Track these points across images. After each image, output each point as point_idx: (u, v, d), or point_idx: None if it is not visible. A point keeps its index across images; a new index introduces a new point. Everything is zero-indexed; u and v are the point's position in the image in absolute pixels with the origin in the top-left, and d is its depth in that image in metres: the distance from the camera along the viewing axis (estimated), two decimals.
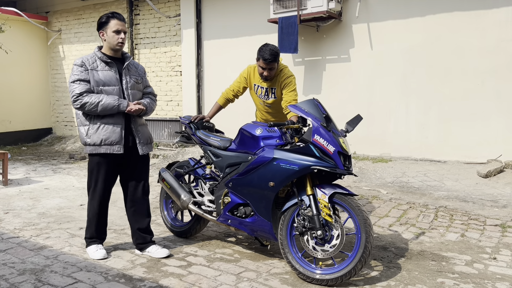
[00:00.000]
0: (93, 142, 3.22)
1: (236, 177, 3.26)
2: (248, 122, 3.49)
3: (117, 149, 3.23)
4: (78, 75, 3.18)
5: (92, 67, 3.21)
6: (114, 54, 3.31)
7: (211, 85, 8.32)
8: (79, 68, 3.19)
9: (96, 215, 3.39)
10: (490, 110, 5.89)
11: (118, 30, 3.21)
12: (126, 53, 3.42)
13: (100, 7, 9.84)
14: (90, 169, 3.36)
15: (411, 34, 6.36)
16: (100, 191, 3.34)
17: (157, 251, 3.40)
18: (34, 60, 10.60)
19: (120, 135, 3.24)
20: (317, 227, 2.88)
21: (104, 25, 3.24)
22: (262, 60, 3.69)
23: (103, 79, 3.21)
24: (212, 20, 8.22)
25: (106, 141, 3.21)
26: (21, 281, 2.95)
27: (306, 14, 6.48)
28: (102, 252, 3.36)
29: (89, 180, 3.38)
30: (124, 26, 3.26)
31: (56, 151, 9.65)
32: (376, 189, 5.46)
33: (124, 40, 3.26)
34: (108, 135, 3.21)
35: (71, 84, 3.18)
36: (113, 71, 3.26)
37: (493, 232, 3.96)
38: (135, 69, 3.43)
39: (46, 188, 5.90)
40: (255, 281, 2.98)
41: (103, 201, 3.39)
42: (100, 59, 3.25)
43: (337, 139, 2.91)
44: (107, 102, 3.15)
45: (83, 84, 3.17)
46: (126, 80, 3.32)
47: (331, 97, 6.89)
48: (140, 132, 3.37)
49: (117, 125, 3.24)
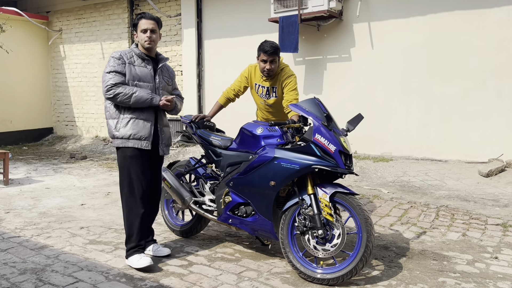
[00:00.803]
0: (121, 136, 3.15)
1: (237, 177, 3.25)
2: (249, 122, 3.48)
3: (145, 145, 3.17)
4: (115, 66, 3.16)
5: (130, 61, 3.21)
6: (148, 53, 3.30)
7: (212, 85, 8.32)
8: (116, 60, 3.18)
9: (136, 216, 3.18)
10: (491, 109, 5.88)
11: (145, 29, 3.21)
12: (161, 55, 3.43)
13: (101, 6, 9.84)
14: (121, 164, 3.23)
15: (412, 33, 6.35)
16: (137, 186, 3.18)
17: (158, 250, 3.40)
18: (35, 60, 10.61)
19: (150, 131, 3.19)
20: (318, 226, 2.88)
21: (136, 26, 3.28)
22: (263, 53, 3.69)
23: (139, 74, 3.21)
24: (212, 20, 8.22)
25: (135, 136, 3.15)
26: (22, 281, 2.95)
27: (307, 13, 6.48)
28: (146, 260, 3.11)
29: (122, 177, 3.23)
30: (152, 24, 3.23)
31: (57, 150, 9.66)
32: (377, 188, 5.45)
33: (153, 39, 3.23)
34: (138, 129, 3.16)
35: (106, 75, 3.15)
36: (149, 68, 3.26)
37: (495, 231, 3.95)
38: (166, 70, 3.45)
39: (47, 187, 5.91)
40: (256, 281, 2.98)
41: (142, 198, 3.21)
42: (137, 55, 3.25)
43: (338, 138, 2.91)
44: (140, 94, 3.12)
45: (118, 76, 3.14)
46: (159, 79, 3.31)
47: (332, 97, 6.88)
48: (164, 133, 3.34)
49: (148, 121, 3.20)
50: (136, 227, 3.19)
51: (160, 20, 3.36)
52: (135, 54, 3.26)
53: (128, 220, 3.22)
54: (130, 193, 3.20)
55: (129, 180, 3.20)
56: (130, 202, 3.21)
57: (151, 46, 3.25)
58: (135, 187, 3.19)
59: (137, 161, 3.19)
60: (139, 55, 3.25)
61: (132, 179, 3.19)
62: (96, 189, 5.82)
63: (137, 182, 3.19)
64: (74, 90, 10.54)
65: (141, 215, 3.20)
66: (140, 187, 3.19)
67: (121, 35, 9.57)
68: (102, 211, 4.74)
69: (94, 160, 8.22)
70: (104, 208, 4.86)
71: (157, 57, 3.40)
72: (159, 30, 3.33)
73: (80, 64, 10.32)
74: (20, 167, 7.43)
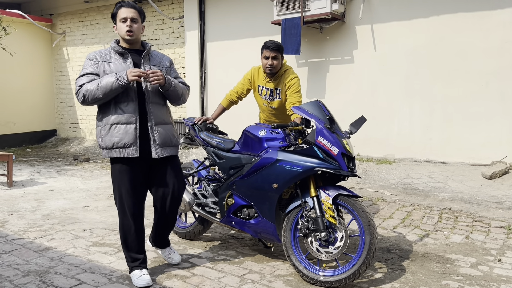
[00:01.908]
0: (105, 145, 2.88)
1: (239, 179, 3.26)
2: (252, 124, 3.49)
3: (131, 152, 2.85)
4: (86, 69, 2.89)
5: (104, 59, 2.90)
6: (130, 46, 2.96)
7: (215, 87, 8.33)
8: (89, 61, 2.91)
9: (128, 233, 2.98)
10: (494, 111, 5.86)
11: (125, 17, 2.87)
12: (147, 43, 3.06)
13: (104, 9, 9.88)
14: (112, 177, 2.97)
15: (414, 35, 6.34)
16: (128, 204, 2.92)
17: (168, 256, 3.28)
18: (38, 62, 10.65)
19: (134, 136, 2.85)
20: (321, 229, 2.87)
21: (114, 16, 2.95)
22: (265, 49, 3.72)
23: (114, 70, 2.86)
24: (215, 22, 8.23)
25: (118, 144, 2.84)
26: (26, 283, 2.96)
27: (310, 15, 6.48)
28: (145, 279, 2.90)
29: (114, 193, 2.99)
30: (132, 12, 2.89)
31: (60, 152, 9.69)
32: (380, 190, 5.44)
33: (134, 29, 2.88)
34: (120, 136, 2.84)
35: (77, 80, 2.90)
36: (127, 62, 2.91)
37: (498, 234, 3.94)
38: (158, 60, 3.07)
39: (51, 189, 5.92)
40: (259, 283, 2.98)
41: (134, 214, 2.94)
42: (114, 49, 2.94)
43: (341, 141, 2.91)
44: (105, 80, 2.77)
45: (90, 77, 2.85)
46: (144, 69, 2.92)
47: (335, 99, 6.88)
48: (157, 132, 2.94)
49: (130, 124, 2.85)
50: (128, 243, 3.00)
51: (143, 11, 3.02)
52: (112, 50, 2.95)
53: (121, 235, 3.04)
54: (121, 208, 2.97)
55: (119, 196, 2.95)
56: (122, 217, 2.99)
57: (132, 38, 2.90)
58: (125, 203, 2.93)
59: (127, 174, 2.91)
60: (115, 49, 2.92)
61: (122, 195, 2.93)
62: (99, 191, 5.83)
63: (127, 197, 2.92)
64: None
65: (133, 231, 2.98)
66: (131, 203, 2.93)
67: None
68: (105, 213, 4.75)
69: (97, 162, 8.24)
70: (107, 210, 4.87)
71: (143, 47, 3.03)
72: (142, 22, 2.98)
73: None
74: (24, 169, 7.45)
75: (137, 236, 3.01)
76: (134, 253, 3.01)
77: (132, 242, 3.00)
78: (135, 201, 2.95)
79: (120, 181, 2.93)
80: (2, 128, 9.96)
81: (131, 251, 3.01)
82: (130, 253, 3.02)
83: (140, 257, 3.02)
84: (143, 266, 3.02)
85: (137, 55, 2.98)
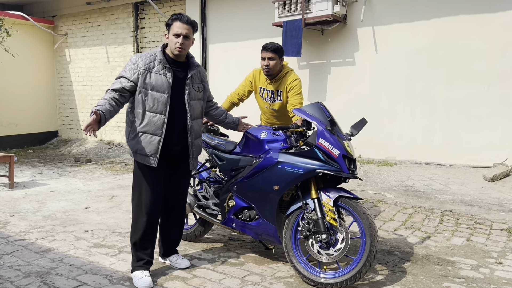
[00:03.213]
0: (130, 147, 3.01)
1: (240, 181, 3.26)
2: (253, 126, 3.49)
3: (151, 161, 2.94)
4: (126, 72, 2.92)
5: (148, 67, 2.93)
6: (177, 58, 3.02)
7: (216, 89, 8.29)
8: (131, 65, 2.93)
9: (139, 231, 3.02)
10: (496, 114, 5.86)
11: (178, 33, 2.92)
12: (192, 57, 3.12)
13: (106, 11, 9.90)
14: (134, 174, 3.07)
15: (416, 37, 6.35)
16: (145, 203, 3.00)
17: (177, 262, 3.29)
18: (40, 64, 10.68)
19: (157, 147, 2.93)
20: (321, 230, 2.87)
21: (168, 26, 2.99)
22: (262, 50, 3.77)
23: (153, 83, 2.91)
24: (217, 24, 8.25)
25: (141, 151, 2.95)
26: (27, 284, 2.97)
27: (311, 17, 6.49)
28: (147, 281, 2.93)
29: (133, 190, 3.08)
30: (186, 29, 2.92)
31: (62, 154, 9.70)
32: (381, 192, 5.44)
33: (185, 45, 2.94)
34: (144, 145, 2.94)
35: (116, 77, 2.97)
36: (167, 77, 2.94)
37: (499, 236, 3.93)
38: (199, 75, 3.13)
39: (52, 191, 5.93)
40: (260, 285, 2.98)
41: (149, 215, 3.02)
42: (159, 61, 2.96)
43: (342, 143, 2.91)
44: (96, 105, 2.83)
45: (122, 82, 2.90)
46: (189, 90, 3.03)
47: (336, 101, 6.88)
48: (195, 146, 3.13)
49: (156, 135, 2.94)
50: (138, 243, 3.04)
51: (196, 24, 3.05)
52: (157, 59, 2.96)
53: (132, 232, 3.08)
54: (138, 206, 3.05)
55: (138, 196, 3.04)
56: (136, 216, 3.07)
57: (182, 53, 2.98)
58: (143, 202, 3.02)
59: (147, 176, 3.01)
60: (161, 61, 2.96)
61: (142, 195, 3.02)
62: (100, 192, 5.84)
63: (145, 197, 3.01)
64: (79, 94, 10.59)
65: (147, 231, 3.04)
66: (149, 203, 3.01)
67: (126, 39, 9.62)
68: (107, 214, 4.76)
69: (98, 163, 8.25)
70: (109, 211, 4.88)
71: (188, 60, 3.09)
72: (193, 34, 3.03)
73: (85, 68, 10.38)
74: (25, 170, 7.47)
75: (149, 236, 3.07)
76: (141, 252, 3.05)
77: (142, 242, 3.04)
78: (153, 201, 3.03)
79: (142, 180, 3.02)
80: (4, 129, 9.99)
81: (139, 250, 3.05)
82: (138, 252, 3.05)
83: (146, 257, 3.06)
84: (146, 267, 3.05)
85: (181, 71, 3.04)
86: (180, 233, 3.37)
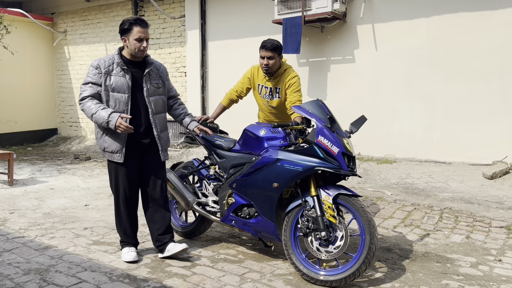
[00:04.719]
0: (99, 146, 3.29)
1: (240, 178, 3.26)
2: (252, 123, 3.49)
3: (117, 158, 3.21)
4: (91, 77, 3.14)
5: (107, 70, 3.14)
6: (134, 59, 3.23)
7: (216, 86, 8.33)
8: (93, 70, 3.15)
9: (124, 219, 3.36)
10: (495, 111, 5.86)
11: (141, 38, 3.13)
12: (148, 56, 3.32)
13: (105, 8, 9.88)
14: (108, 172, 3.38)
15: (416, 35, 6.34)
16: (124, 194, 3.31)
17: (174, 247, 3.34)
18: (39, 61, 10.66)
19: (122, 144, 3.19)
20: (321, 228, 2.88)
21: (127, 32, 3.15)
22: (261, 49, 3.75)
23: (113, 85, 3.14)
24: (216, 21, 8.23)
25: (107, 149, 3.22)
26: (26, 281, 2.97)
27: (311, 15, 6.48)
28: (131, 255, 3.30)
29: (110, 185, 3.41)
30: (146, 33, 3.17)
31: (61, 151, 9.70)
32: (381, 190, 5.44)
33: (147, 48, 3.19)
34: (110, 142, 3.20)
35: (82, 86, 3.17)
36: (126, 78, 3.17)
37: (499, 234, 3.93)
38: (156, 71, 3.34)
39: (51, 188, 5.93)
40: (259, 282, 2.98)
41: (129, 205, 3.35)
42: (117, 63, 3.17)
43: (341, 140, 2.91)
44: (99, 116, 3.06)
45: (93, 87, 3.13)
46: (146, 87, 3.24)
47: (336, 98, 6.88)
48: (163, 139, 3.34)
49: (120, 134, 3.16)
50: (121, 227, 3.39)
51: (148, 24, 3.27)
52: (115, 62, 3.17)
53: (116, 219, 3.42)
54: (116, 199, 3.36)
55: (115, 187, 3.33)
56: (116, 205, 3.38)
57: (143, 55, 3.22)
58: (121, 194, 3.31)
59: (119, 170, 3.27)
60: (119, 64, 3.16)
61: (119, 187, 3.31)
62: (100, 190, 5.84)
63: (122, 189, 3.30)
64: (79, 91, 10.53)
65: (125, 218, 3.36)
66: (125, 194, 3.30)
67: None
68: (106, 211, 4.76)
69: (98, 161, 8.25)
70: (108, 209, 4.88)
71: (144, 59, 3.28)
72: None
73: (85, 65, 10.36)
74: (25, 168, 7.46)
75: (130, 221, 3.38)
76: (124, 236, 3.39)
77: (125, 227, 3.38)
78: (128, 192, 3.32)
79: (115, 174, 3.30)
80: (3, 127, 9.98)
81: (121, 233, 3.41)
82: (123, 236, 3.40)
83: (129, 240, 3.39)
84: (132, 244, 3.39)
85: (138, 70, 3.24)
86: (166, 220, 3.43)
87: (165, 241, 3.38)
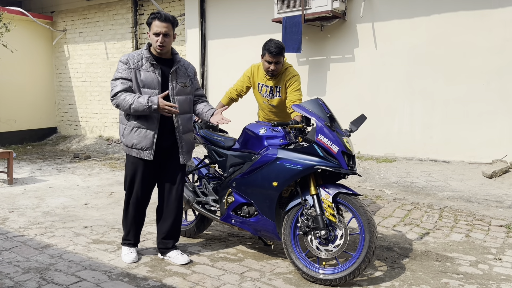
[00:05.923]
0: (126, 143, 3.18)
1: (239, 177, 3.26)
2: (252, 122, 3.49)
3: (146, 155, 3.13)
4: (121, 73, 3.08)
5: (136, 66, 3.09)
6: (160, 55, 3.16)
7: (215, 85, 8.32)
8: (123, 65, 3.09)
9: (131, 218, 3.30)
10: (495, 110, 5.86)
11: (157, 32, 3.05)
12: (177, 54, 3.26)
13: (105, 7, 9.87)
14: (126, 169, 3.28)
15: (416, 34, 6.33)
16: (136, 194, 3.24)
17: (177, 257, 3.31)
18: (39, 60, 10.64)
19: (152, 141, 3.11)
20: (320, 227, 2.88)
21: (149, 26, 3.11)
22: (268, 54, 3.69)
23: (143, 80, 3.08)
24: (216, 20, 8.23)
25: (136, 146, 3.12)
26: (26, 280, 2.97)
27: (310, 13, 6.47)
28: (131, 256, 3.29)
29: (125, 182, 3.30)
30: (164, 27, 3.05)
31: (61, 150, 9.69)
32: (380, 189, 5.45)
33: (165, 43, 3.07)
34: (139, 139, 3.11)
35: (112, 82, 3.10)
36: (156, 73, 3.11)
37: (498, 232, 3.94)
38: (184, 70, 3.26)
39: (51, 187, 5.93)
40: (259, 281, 2.98)
41: (139, 205, 3.29)
42: (146, 58, 3.11)
43: (341, 139, 2.91)
44: (137, 104, 2.99)
45: (124, 82, 3.06)
46: (172, 85, 3.16)
47: (335, 97, 6.88)
48: (184, 140, 3.25)
49: (150, 130, 3.11)
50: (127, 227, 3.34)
51: (176, 20, 3.17)
52: (144, 57, 3.12)
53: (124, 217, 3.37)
54: (128, 199, 3.30)
55: (130, 187, 3.27)
56: (126, 203, 3.32)
57: (163, 51, 3.12)
58: (134, 193, 3.25)
59: (142, 169, 3.20)
60: (148, 59, 3.11)
61: (134, 187, 3.24)
62: (99, 188, 5.84)
63: (136, 188, 3.24)
64: (78, 90, 10.57)
65: (132, 217, 3.31)
66: (137, 194, 3.25)
67: (125, 35, 9.59)
68: (106, 210, 4.76)
69: (97, 159, 8.24)
70: (108, 207, 4.88)
71: (172, 56, 3.23)
72: (174, 30, 3.15)
73: (84, 64, 10.35)
74: (24, 167, 7.46)
75: (137, 222, 3.34)
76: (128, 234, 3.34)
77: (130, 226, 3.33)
78: (143, 193, 3.27)
79: (135, 173, 3.22)
80: (3, 126, 9.97)
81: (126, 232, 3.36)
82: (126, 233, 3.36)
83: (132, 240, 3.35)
84: (133, 244, 3.36)
85: (166, 67, 3.18)
86: (177, 226, 3.39)
87: (168, 246, 3.36)
